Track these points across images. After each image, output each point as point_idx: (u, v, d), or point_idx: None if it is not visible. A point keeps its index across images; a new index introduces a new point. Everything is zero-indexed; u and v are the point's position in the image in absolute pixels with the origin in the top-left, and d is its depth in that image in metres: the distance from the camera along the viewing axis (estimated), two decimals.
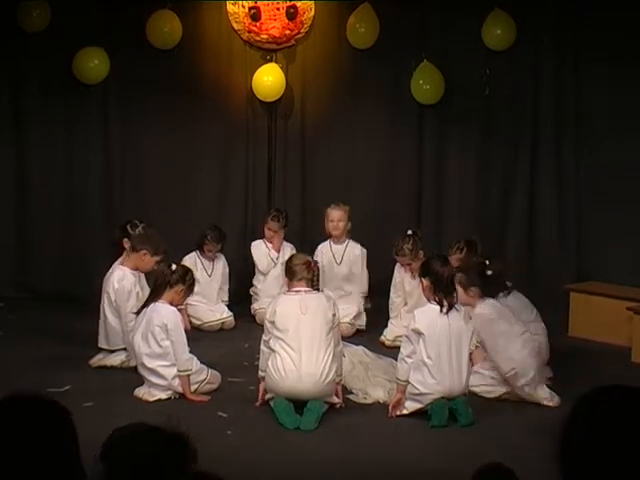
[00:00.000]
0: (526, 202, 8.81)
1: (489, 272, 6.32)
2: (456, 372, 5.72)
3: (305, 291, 5.91)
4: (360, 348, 6.79)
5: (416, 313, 5.86)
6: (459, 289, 6.12)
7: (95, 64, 8.60)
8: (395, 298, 7.63)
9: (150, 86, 8.81)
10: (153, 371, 6.04)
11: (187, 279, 6.32)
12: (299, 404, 5.72)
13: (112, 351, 6.75)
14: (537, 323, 6.68)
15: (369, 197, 8.94)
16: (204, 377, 6.16)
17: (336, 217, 7.93)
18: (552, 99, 8.69)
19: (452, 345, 5.73)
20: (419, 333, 5.71)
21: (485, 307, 6.20)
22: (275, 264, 8.16)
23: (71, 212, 9.00)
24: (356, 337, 7.41)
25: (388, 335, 7.45)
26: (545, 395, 6.06)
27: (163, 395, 6.02)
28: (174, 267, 6.29)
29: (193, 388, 6.07)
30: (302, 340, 5.73)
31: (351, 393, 6.12)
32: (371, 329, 7.82)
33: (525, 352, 6.10)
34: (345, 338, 6.77)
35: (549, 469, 2.06)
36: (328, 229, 7.98)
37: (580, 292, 7.94)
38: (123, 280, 6.71)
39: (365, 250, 8.03)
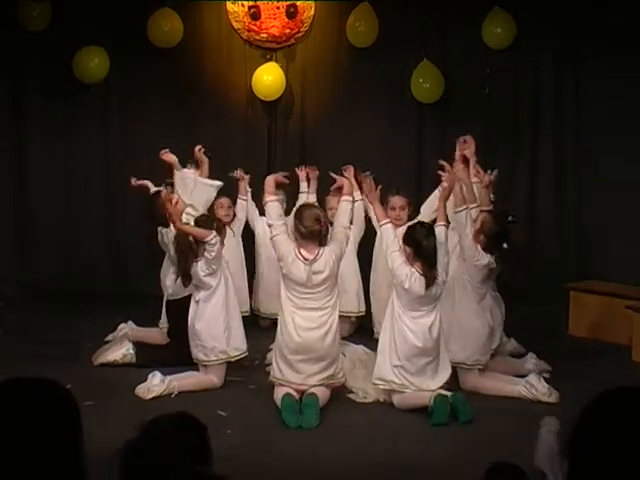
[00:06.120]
0: (526, 200, 8.82)
1: (505, 245, 6.31)
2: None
3: (311, 260, 5.78)
4: (360, 347, 6.79)
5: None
6: (476, 226, 6.20)
7: (95, 63, 8.62)
8: None
9: (150, 85, 8.83)
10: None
11: None
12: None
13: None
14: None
15: None
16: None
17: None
18: (552, 98, 8.71)
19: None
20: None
21: (484, 254, 6.27)
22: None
23: (71, 210, 9.02)
24: (356, 336, 7.40)
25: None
26: (544, 391, 6.07)
27: (162, 387, 6.02)
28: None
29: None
30: (307, 303, 5.79)
31: (351, 392, 6.11)
32: (371, 327, 7.83)
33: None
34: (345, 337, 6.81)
35: None
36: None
37: (580, 290, 7.93)
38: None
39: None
